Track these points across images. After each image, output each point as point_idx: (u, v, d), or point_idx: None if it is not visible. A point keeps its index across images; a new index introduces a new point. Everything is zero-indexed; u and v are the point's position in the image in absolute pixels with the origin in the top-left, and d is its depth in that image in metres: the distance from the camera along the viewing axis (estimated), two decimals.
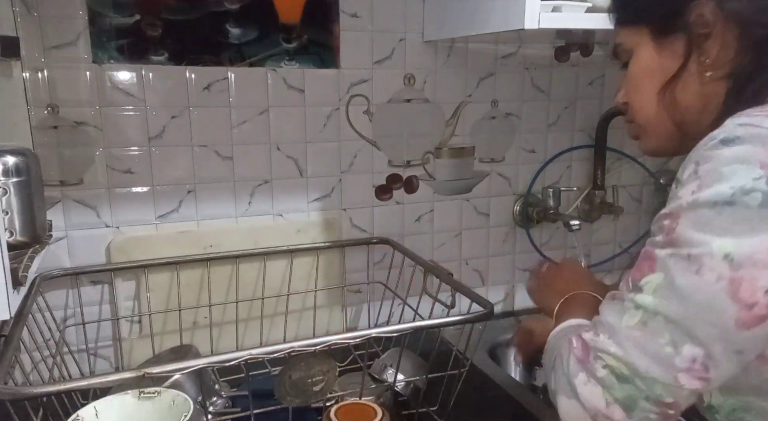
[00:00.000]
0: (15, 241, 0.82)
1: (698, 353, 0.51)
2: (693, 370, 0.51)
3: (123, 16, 1.04)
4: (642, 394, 0.53)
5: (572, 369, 0.57)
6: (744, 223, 0.48)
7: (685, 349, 0.51)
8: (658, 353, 0.52)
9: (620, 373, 0.54)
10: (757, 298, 0.48)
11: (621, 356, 0.54)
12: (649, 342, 0.52)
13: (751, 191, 0.48)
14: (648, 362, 0.52)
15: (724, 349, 0.51)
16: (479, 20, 1.03)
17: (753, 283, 0.48)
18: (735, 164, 0.49)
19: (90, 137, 1.06)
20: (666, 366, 0.52)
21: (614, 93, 0.72)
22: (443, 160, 1.30)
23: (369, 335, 0.82)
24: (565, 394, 0.57)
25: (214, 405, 0.93)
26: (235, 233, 1.17)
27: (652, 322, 0.52)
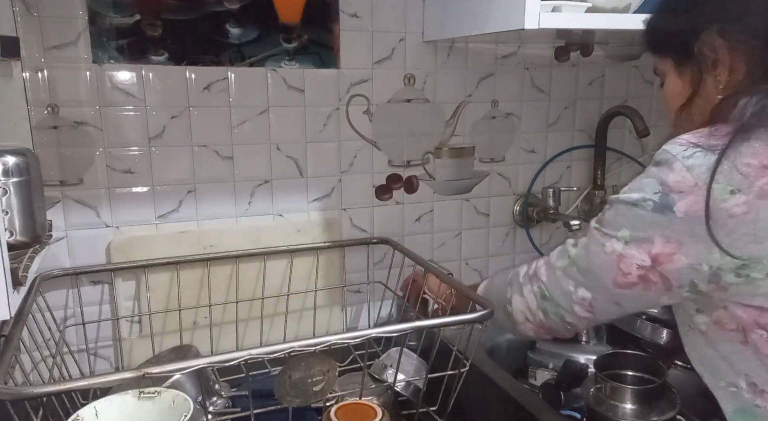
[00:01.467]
0: (15, 241, 0.82)
1: (587, 295, 0.75)
2: (582, 305, 0.76)
3: (123, 16, 1.04)
4: (552, 309, 0.80)
5: (524, 280, 0.85)
6: (641, 220, 0.67)
7: (580, 291, 0.76)
8: (565, 289, 0.77)
9: (543, 293, 0.81)
10: (631, 270, 0.69)
11: (546, 283, 0.80)
12: (563, 280, 0.78)
13: (648, 200, 0.66)
14: (558, 291, 0.79)
15: (605, 298, 0.74)
16: (479, 20, 1.03)
17: (632, 260, 0.68)
18: (649, 179, 0.67)
19: (90, 137, 1.06)
20: (566, 298, 0.78)
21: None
22: (443, 160, 1.30)
23: (369, 335, 0.82)
24: (518, 294, 0.85)
25: (214, 405, 0.93)
26: (235, 233, 1.17)
27: (570, 269, 0.77)
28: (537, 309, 0.82)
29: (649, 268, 0.67)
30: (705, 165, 0.62)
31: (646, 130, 1.24)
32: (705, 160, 0.62)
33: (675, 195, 0.64)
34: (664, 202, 0.65)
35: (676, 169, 0.64)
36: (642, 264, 0.68)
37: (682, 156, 0.64)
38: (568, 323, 0.80)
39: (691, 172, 0.63)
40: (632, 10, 1.01)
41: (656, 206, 0.65)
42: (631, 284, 0.70)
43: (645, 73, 1.46)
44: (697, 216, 0.62)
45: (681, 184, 0.63)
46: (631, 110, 1.27)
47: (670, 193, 0.64)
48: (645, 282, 0.69)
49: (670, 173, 0.64)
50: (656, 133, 1.47)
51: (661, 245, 0.66)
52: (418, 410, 0.96)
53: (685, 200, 0.63)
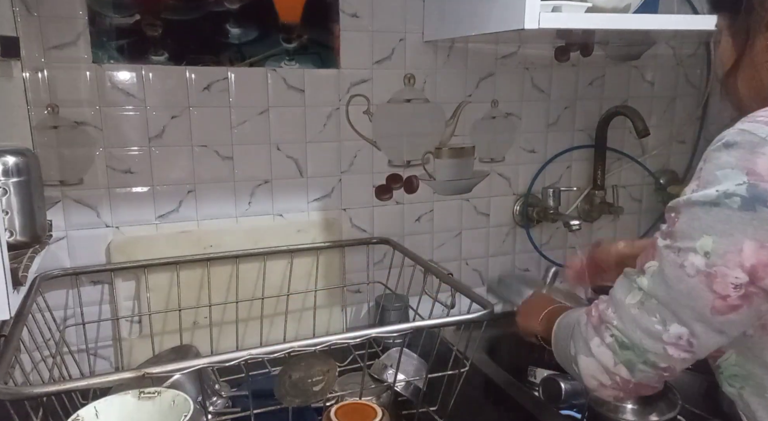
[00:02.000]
0: (15, 241, 0.82)
1: (683, 331, 0.59)
2: (679, 345, 0.60)
3: (123, 16, 1.04)
4: (639, 359, 0.63)
5: (589, 333, 0.67)
6: (725, 222, 0.55)
7: (672, 327, 0.60)
8: (650, 329, 0.61)
9: (621, 341, 0.63)
10: (728, 291, 0.56)
11: (621, 328, 0.63)
12: (643, 319, 0.62)
13: (732, 195, 0.54)
14: (641, 335, 0.62)
15: (706, 329, 0.59)
16: (479, 20, 1.03)
17: (725, 279, 0.55)
18: (727, 169, 0.55)
19: (90, 137, 1.06)
20: (655, 340, 0.61)
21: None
22: (443, 160, 1.30)
23: (369, 335, 0.82)
24: (584, 353, 0.67)
25: (214, 405, 0.93)
26: (235, 233, 1.17)
27: (648, 302, 0.61)
28: (617, 365, 0.64)
29: (747, 284, 0.55)
30: None
31: (646, 130, 1.24)
32: None
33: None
34: (755, 194, 0.53)
35: (766, 153, 0.53)
36: (739, 282, 0.55)
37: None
38: (663, 371, 0.63)
39: None
40: (632, 10, 1.01)
41: (744, 202, 0.53)
42: (734, 308, 0.56)
43: (645, 73, 1.46)
44: None
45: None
46: (631, 110, 1.27)
47: (760, 184, 0.53)
48: (749, 301, 0.56)
49: (758, 158, 0.53)
50: (656, 133, 1.47)
51: (754, 251, 0.53)
52: (418, 410, 0.96)
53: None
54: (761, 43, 0.62)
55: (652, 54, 1.45)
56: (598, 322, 0.66)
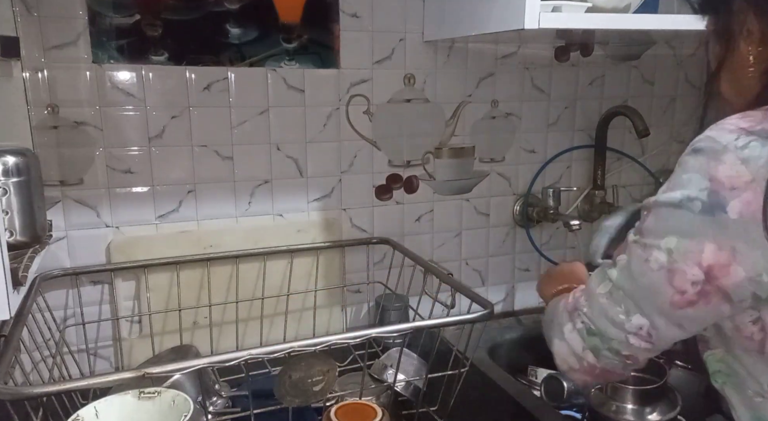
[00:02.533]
0: (15, 241, 0.82)
1: (644, 322, 0.63)
2: (639, 335, 0.63)
3: (123, 16, 1.04)
4: (604, 346, 0.66)
5: (563, 318, 0.71)
6: (687, 225, 0.57)
7: (635, 318, 0.63)
8: (615, 318, 0.64)
9: (589, 328, 0.67)
10: (686, 287, 0.58)
11: (590, 315, 0.67)
12: (610, 308, 0.65)
13: (695, 199, 0.56)
14: (606, 323, 0.65)
15: (666, 322, 0.62)
16: (479, 20, 1.03)
17: (683, 275, 0.58)
18: (692, 173, 0.57)
19: (90, 137, 1.06)
20: (619, 329, 0.64)
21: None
22: (443, 160, 1.30)
23: (369, 335, 0.82)
24: (558, 337, 0.72)
25: (214, 405, 0.93)
26: (235, 233, 1.17)
27: (616, 293, 0.65)
28: (584, 350, 0.68)
29: (704, 282, 0.57)
30: (763, 157, 0.53)
31: (646, 130, 1.24)
32: (763, 151, 0.53)
33: (727, 192, 0.54)
34: (714, 201, 0.55)
35: (728, 161, 0.54)
36: (696, 279, 0.57)
37: (735, 146, 0.55)
38: (625, 359, 0.66)
39: (746, 166, 0.54)
40: (632, 10, 1.01)
41: (705, 207, 0.55)
42: (691, 303, 0.59)
43: (645, 73, 1.46)
44: (753, 218, 0.53)
45: (734, 179, 0.54)
46: (631, 110, 1.27)
47: (720, 191, 0.54)
48: (705, 298, 0.58)
49: (719, 166, 0.55)
50: (656, 133, 1.47)
51: (713, 253, 0.56)
52: (418, 410, 0.96)
53: (740, 198, 0.54)
54: (743, 46, 0.64)
55: (652, 54, 1.45)
56: (573, 308, 0.70)
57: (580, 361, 0.69)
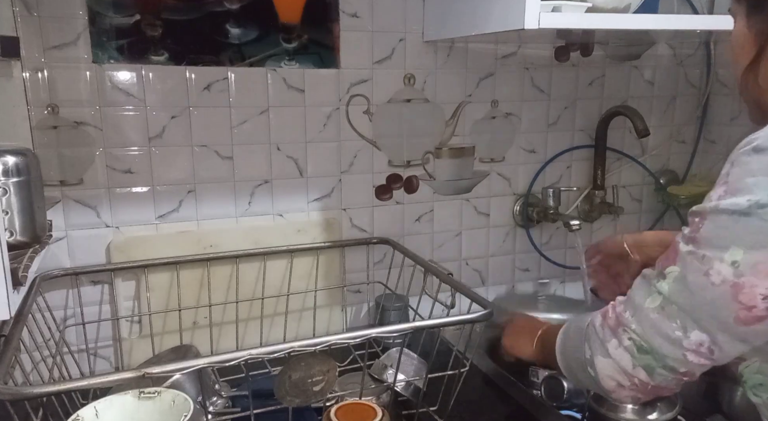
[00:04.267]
0: (15, 241, 0.82)
1: (705, 338, 0.57)
2: (699, 352, 0.58)
3: (123, 16, 1.04)
4: (658, 364, 0.61)
5: (606, 335, 0.65)
6: (757, 234, 0.52)
7: (693, 334, 0.58)
8: (670, 335, 0.59)
9: (640, 345, 0.62)
10: (755, 302, 0.53)
11: (640, 332, 0.61)
12: (663, 324, 0.59)
13: (766, 206, 0.51)
14: (661, 340, 0.60)
15: (729, 338, 0.57)
16: (479, 20, 1.03)
17: (753, 289, 0.53)
18: (759, 177, 0.52)
19: (90, 137, 1.06)
20: (676, 346, 0.59)
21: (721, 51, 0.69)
22: (443, 160, 1.30)
23: (369, 335, 0.82)
24: (602, 354, 0.66)
25: (214, 405, 0.93)
26: (235, 233, 1.17)
27: (669, 307, 0.59)
28: (635, 368, 0.63)
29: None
30: None
31: (646, 130, 1.24)
32: None
33: None
34: None
35: None
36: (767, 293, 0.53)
37: None
38: (682, 375, 0.61)
39: None
40: (632, 10, 1.01)
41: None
42: (760, 319, 0.54)
43: (645, 73, 1.46)
44: None
45: None
46: (631, 110, 1.27)
47: None
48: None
49: None
50: (656, 133, 1.47)
51: None
52: (418, 410, 0.96)
53: None
54: None
55: (652, 54, 1.45)
56: (616, 324, 0.64)
57: (631, 379, 0.64)
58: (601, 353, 0.66)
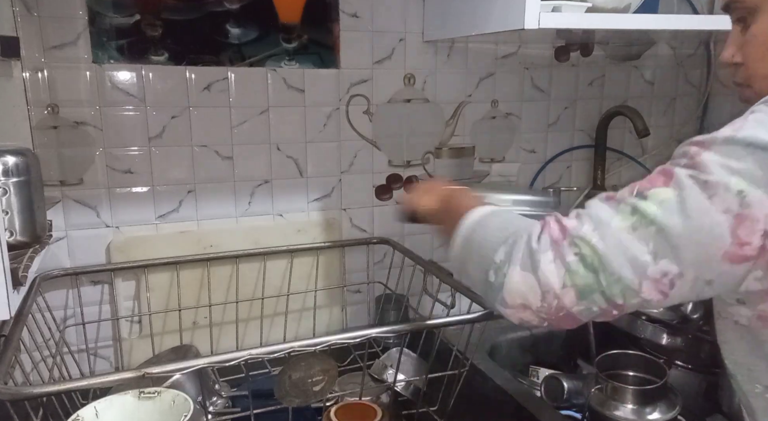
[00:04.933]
0: (15, 241, 0.82)
1: (673, 269, 0.53)
2: (660, 282, 0.53)
3: (123, 16, 1.04)
4: (600, 287, 0.55)
5: (542, 245, 0.57)
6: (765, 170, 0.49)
7: (663, 262, 0.53)
8: (638, 257, 0.53)
9: (590, 262, 0.55)
10: (751, 239, 0.50)
11: (600, 248, 0.55)
12: (633, 245, 0.54)
13: None
14: (623, 261, 0.54)
15: (698, 275, 0.53)
16: (479, 20, 1.03)
17: (753, 224, 0.50)
18: None
19: (90, 137, 1.06)
20: (637, 271, 0.53)
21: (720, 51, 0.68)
22: (443, 160, 1.30)
23: (369, 335, 0.82)
24: (521, 265, 0.58)
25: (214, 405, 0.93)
26: (235, 233, 1.17)
27: (644, 229, 0.54)
28: (564, 288, 0.56)
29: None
30: None
31: (646, 130, 1.24)
32: None
33: None
34: None
35: None
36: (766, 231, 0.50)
37: None
38: (612, 308, 0.56)
39: None
40: (632, 10, 1.01)
41: None
42: (744, 258, 0.51)
43: (645, 73, 1.46)
44: None
45: None
46: (631, 110, 1.28)
47: None
48: (762, 256, 0.51)
49: None
50: (656, 133, 1.47)
51: None
52: (418, 410, 0.96)
53: None
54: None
55: (652, 54, 1.45)
56: (561, 236, 0.57)
57: (547, 300, 0.56)
58: (522, 265, 0.58)
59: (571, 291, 0.55)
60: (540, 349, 1.35)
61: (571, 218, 0.59)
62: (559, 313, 0.57)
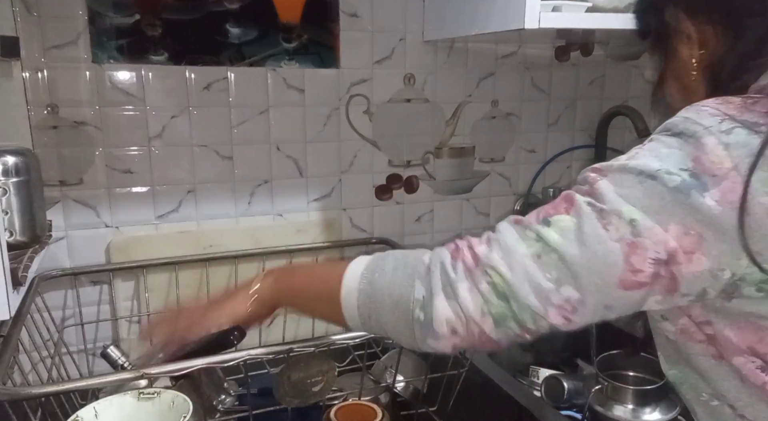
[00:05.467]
0: (15, 241, 0.82)
1: (574, 296, 0.54)
2: (563, 308, 0.55)
3: (123, 16, 1.04)
4: (512, 315, 0.56)
5: (459, 274, 0.58)
6: (656, 199, 0.51)
7: (564, 289, 0.54)
8: (540, 286, 0.55)
9: (501, 291, 0.56)
10: (643, 267, 0.52)
11: (508, 277, 0.56)
12: (536, 273, 0.55)
13: (673, 174, 0.51)
14: (528, 289, 0.55)
15: (597, 301, 0.55)
16: (479, 20, 1.02)
17: (644, 252, 0.52)
18: (674, 149, 0.52)
19: (90, 137, 1.06)
20: (542, 298, 0.55)
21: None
22: (443, 160, 1.30)
23: (368, 336, 0.82)
24: (445, 294, 0.58)
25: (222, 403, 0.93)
26: (235, 233, 1.17)
27: (547, 257, 0.55)
28: (484, 316, 0.57)
29: (664, 264, 0.52)
30: (747, 146, 0.50)
31: (647, 130, 1.23)
32: (748, 139, 0.50)
33: (708, 178, 0.50)
34: (694, 183, 0.50)
35: (710, 145, 0.51)
36: (658, 257, 0.52)
37: (719, 130, 0.51)
38: (525, 332, 0.58)
39: (729, 153, 0.50)
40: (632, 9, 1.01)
41: (683, 185, 0.50)
42: (640, 285, 0.53)
43: (645, 73, 1.46)
44: (730, 208, 0.49)
45: (716, 165, 0.50)
46: (632, 110, 1.27)
47: (702, 175, 0.50)
48: (656, 282, 0.53)
49: (702, 149, 0.51)
50: None
51: (677, 235, 0.51)
52: (417, 410, 0.96)
53: (720, 186, 0.50)
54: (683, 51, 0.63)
55: None
56: (474, 264, 0.58)
57: (471, 327, 0.58)
58: (445, 294, 0.58)
59: (489, 319, 0.57)
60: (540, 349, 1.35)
61: (482, 243, 0.60)
62: (482, 339, 0.58)
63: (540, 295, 0.55)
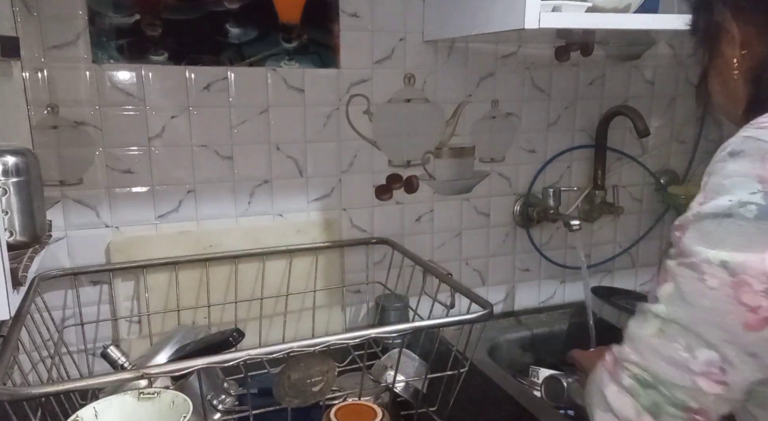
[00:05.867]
0: (15, 241, 0.82)
1: (713, 356, 0.52)
2: (710, 374, 0.53)
3: (123, 16, 1.04)
4: (666, 400, 0.55)
5: (604, 381, 0.59)
6: (740, 234, 0.50)
7: (700, 353, 0.53)
8: (675, 358, 0.54)
9: (643, 379, 0.56)
10: (759, 301, 0.50)
11: (641, 363, 0.56)
12: (665, 348, 0.54)
13: (747, 204, 0.50)
14: (665, 366, 0.54)
15: (737, 352, 0.52)
16: (479, 20, 1.02)
17: (751, 288, 0.50)
18: (735, 177, 0.52)
19: (90, 137, 1.06)
20: (683, 370, 0.54)
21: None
22: (443, 160, 1.30)
23: (368, 336, 0.82)
24: (600, 407, 0.59)
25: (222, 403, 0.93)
26: (235, 233, 1.17)
27: (668, 329, 0.55)
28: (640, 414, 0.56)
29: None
30: None
31: (647, 130, 1.24)
32: None
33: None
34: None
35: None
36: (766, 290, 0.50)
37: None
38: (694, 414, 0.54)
39: None
40: (632, 9, 1.01)
41: (761, 211, 0.50)
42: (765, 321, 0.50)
43: (645, 73, 1.46)
44: None
45: None
46: (632, 110, 1.27)
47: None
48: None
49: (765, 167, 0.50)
50: (656, 133, 1.47)
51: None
52: (418, 410, 0.96)
53: None
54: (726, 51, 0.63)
55: (652, 54, 1.45)
56: (613, 364, 0.59)
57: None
58: (599, 407, 0.59)
59: (646, 415, 0.56)
60: (540, 349, 1.35)
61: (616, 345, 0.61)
62: None
63: (680, 368, 0.54)
